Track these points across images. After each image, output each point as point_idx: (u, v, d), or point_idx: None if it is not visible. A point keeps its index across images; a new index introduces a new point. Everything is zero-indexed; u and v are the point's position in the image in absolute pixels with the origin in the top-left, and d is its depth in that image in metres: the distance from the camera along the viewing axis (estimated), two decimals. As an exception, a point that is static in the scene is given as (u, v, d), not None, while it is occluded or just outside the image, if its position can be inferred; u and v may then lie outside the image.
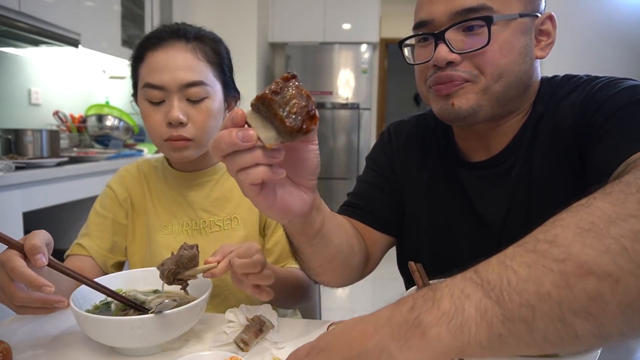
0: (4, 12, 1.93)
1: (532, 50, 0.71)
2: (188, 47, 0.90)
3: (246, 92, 0.99)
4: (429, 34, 0.71)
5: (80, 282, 0.72)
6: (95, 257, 0.96)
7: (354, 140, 4.70)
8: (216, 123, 0.94)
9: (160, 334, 0.65)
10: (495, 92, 0.69)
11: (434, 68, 0.71)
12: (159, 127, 0.90)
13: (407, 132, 0.91)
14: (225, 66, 0.97)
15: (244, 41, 4.24)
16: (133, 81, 0.96)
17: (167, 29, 0.93)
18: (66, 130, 2.72)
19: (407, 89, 7.45)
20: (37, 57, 2.66)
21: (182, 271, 0.70)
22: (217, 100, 0.93)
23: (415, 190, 0.86)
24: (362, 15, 4.68)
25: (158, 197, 1.01)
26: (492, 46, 0.67)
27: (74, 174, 2.07)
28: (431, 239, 0.83)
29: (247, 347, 0.67)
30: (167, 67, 0.88)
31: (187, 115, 0.89)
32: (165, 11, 3.63)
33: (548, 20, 0.73)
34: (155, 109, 0.90)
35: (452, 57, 0.68)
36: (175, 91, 0.88)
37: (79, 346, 0.70)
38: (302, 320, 0.79)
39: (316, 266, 0.72)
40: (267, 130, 0.47)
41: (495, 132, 0.76)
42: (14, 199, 1.73)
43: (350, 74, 4.65)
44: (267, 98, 0.45)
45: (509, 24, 0.68)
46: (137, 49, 0.94)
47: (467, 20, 0.67)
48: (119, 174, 1.05)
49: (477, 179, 0.79)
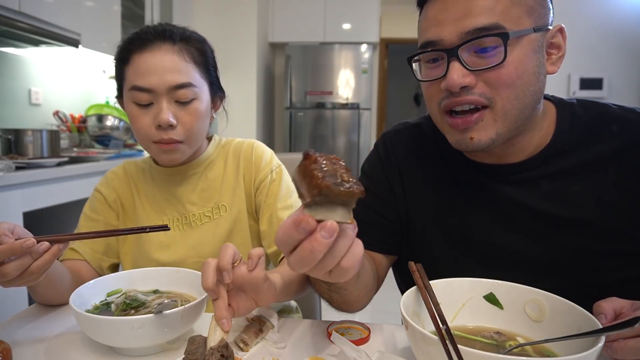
0: (4, 12, 1.93)
1: (544, 67, 0.71)
2: (175, 49, 0.90)
3: (246, 92, 1.00)
4: (441, 49, 0.68)
5: (69, 240, 0.71)
6: (89, 260, 0.95)
7: (354, 140, 4.70)
8: (204, 124, 0.94)
9: (160, 334, 0.65)
10: (512, 116, 0.68)
11: (447, 92, 0.69)
12: (148, 130, 0.89)
13: (405, 144, 0.88)
14: (210, 66, 0.97)
15: (244, 41, 4.24)
16: (118, 83, 0.95)
17: (152, 30, 0.91)
18: (66, 130, 2.72)
19: (407, 89, 7.45)
20: (37, 57, 2.66)
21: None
22: (205, 101, 0.93)
23: (422, 201, 0.84)
24: (362, 15, 4.69)
25: (146, 197, 1.01)
26: (508, 67, 0.66)
27: (74, 174, 2.07)
28: (445, 244, 0.81)
29: (247, 347, 0.67)
30: (155, 70, 0.87)
31: (176, 117, 0.89)
32: (165, 11, 3.63)
33: (558, 33, 0.72)
34: (144, 111, 0.89)
35: (466, 81, 0.66)
36: (164, 93, 0.88)
37: (79, 346, 0.70)
38: (302, 320, 0.79)
39: (354, 297, 0.74)
40: (335, 211, 0.46)
41: (510, 150, 0.76)
42: (14, 199, 1.73)
43: (350, 74, 4.65)
44: (324, 185, 0.43)
45: (521, 42, 0.66)
46: (122, 50, 0.92)
47: (481, 37, 0.65)
48: (105, 177, 1.05)
49: (495, 180, 0.78)
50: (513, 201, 0.76)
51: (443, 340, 0.50)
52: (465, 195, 0.80)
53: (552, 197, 0.74)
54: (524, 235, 0.75)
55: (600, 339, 0.50)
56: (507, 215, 0.76)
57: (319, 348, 0.69)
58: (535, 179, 0.75)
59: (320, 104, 4.66)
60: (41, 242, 0.65)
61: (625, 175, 0.72)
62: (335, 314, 0.87)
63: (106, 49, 2.78)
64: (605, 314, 0.58)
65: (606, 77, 4.10)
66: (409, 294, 0.63)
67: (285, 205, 0.97)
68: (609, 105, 0.78)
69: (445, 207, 0.81)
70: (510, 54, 0.65)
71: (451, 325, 0.59)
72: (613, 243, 0.72)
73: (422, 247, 0.83)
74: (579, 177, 0.74)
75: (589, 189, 0.73)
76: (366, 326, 0.75)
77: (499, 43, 0.65)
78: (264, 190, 0.99)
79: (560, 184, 0.74)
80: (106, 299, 0.76)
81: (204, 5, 4.19)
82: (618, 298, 0.60)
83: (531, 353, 0.58)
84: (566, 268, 0.73)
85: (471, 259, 0.78)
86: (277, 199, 0.97)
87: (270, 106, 5.18)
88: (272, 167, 1.00)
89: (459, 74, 0.66)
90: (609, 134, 0.74)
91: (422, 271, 0.66)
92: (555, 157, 0.75)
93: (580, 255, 0.73)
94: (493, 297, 0.66)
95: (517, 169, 0.76)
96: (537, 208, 0.74)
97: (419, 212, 0.84)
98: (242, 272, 0.63)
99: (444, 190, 0.82)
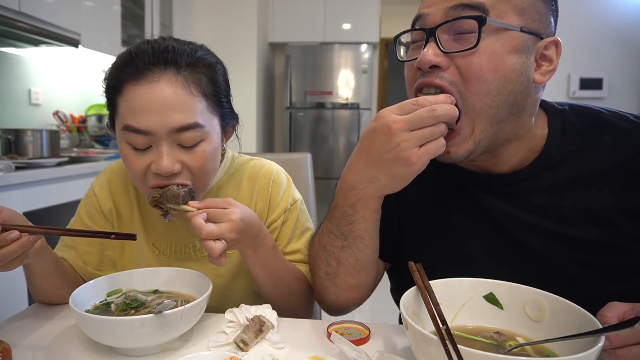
0: (4, 12, 1.94)
1: (530, 72, 0.68)
2: (178, 79, 0.73)
3: (246, 92, 0.97)
4: (421, 29, 0.69)
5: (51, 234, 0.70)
6: (82, 275, 0.89)
7: (354, 140, 4.70)
8: (215, 164, 0.81)
9: (160, 334, 0.65)
10: (488, 116, 0.67)
11: (419, 72, 0.69)
12: (145, 176, 0.76)
13: None
14: (222, 96, 0.81)
15: (244, 41, 4.23)
16: (110, 111, 0.80)
17: (150, 49, 0.74)
18: (66, 130, 2.72)
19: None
20: (37, 57, 2.66)
21: (164, 201, 0.75)
22: (215, 140, 0.79)
23: (413, 210, 0.83)
24: (362, 15, 4.68)
25: (146, 210, 0.92)
26: (480, 56, 0.65)
27: (74, 174, 2.07)
28: (437, 254, 0.80)
29: (247, 347, 0.67)
30: (153, 107, 0.72)
31: (180, 162, 0.75)
32: (165, 11, 3.63)
33: (552, 45, 0.70)
34: (140, 155, 0.75)
35: (436, 60, 0.66)
36: (164, 136, 0.73)
37: (79, 346, 0.70)
38: (302, 320, 0.79)
39: (366, 256, 0.75)
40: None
41: (494, 161, 0.75)
42: (14, 199, 1.73)
43: (350, 74, 4.64)
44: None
45: (500, 35, 0.66)
46: (113, 76, 0.76)
47: (459, 18, 0.65)
48: (104, 175, 0.95)
49: (482, 188, 0.77)
50: (505, 214, 0.75)
51: (443, 340, 0.50)
52: (457, 206, 0.79)
53: (544, 211, 0.73)
54: (516, 248, 0.74)
55: (600, 339, 0.50)
56: (498, 228, 0.75)
57: (319, 348, 0.69)
58: (526, 192, 0.74)
59: (320, 104, 4.66)
60: (10, 231, 0.63)
61: (619, 189, 0.70)
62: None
63: (106, 49, 2.78)
64: (610, 324, 0.56)
65: (606, 77, 4.10)
66: (409, 294, 0.63)
67: (290, 250, 0.92)
68: (602, 111, 0.76)
69: (437, 217, 0.81)
70: (485, 42, 0.65)
71: (451, 325, 0.59)
72: (607, 258, 0.71)
73: (415, 256, 0.78)
74: (572, 191, 0.72)
75: (582, 203, 0.71)
76: (366, 326, 0.75)
77: (476, 28, 0.65)
78: (274, 232, 0.91)
79: (552, 198, 0.73)
80: (106, 299, 0.76)
81: (204, 5, 4.19)
82: (618, 302, 0.59)
83: (531, 353, 0.58)
84: (559, 282, 0.71)
85: (462, 271, 0.74)
86: (285, 244, 0.91)
87: (270, 106, 5.18)
88: (287, 204, 0.92)
89: (431, 53, 0.66)
90: (602, 145, 0.73)
91: (422, 271, 0.66)
92: (547, 169, 0.74)
93: (574, 269, 0.72)
94: (493, 297, 0.66)
95: (507, 180, 0.75)
96: (529, 222, 0.73)
97: (411, 220, 0.84)
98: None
99: (434, 200, 0.81)
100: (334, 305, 0.82)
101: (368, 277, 0.79)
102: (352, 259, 0.75)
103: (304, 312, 0.92)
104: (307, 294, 0.90)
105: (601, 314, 0.58)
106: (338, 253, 0.75)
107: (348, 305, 0.82)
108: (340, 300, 0.80)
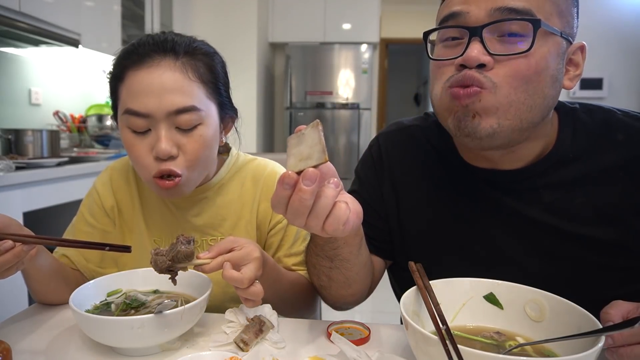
0: (4, 12, 1.94)
1: (562, 76, 0.67)
2: (177, 65, 0.77)
3: (246, 92, 0.96)
4: (464, 27, 0.63)
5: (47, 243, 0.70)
6: (84, 272, 0.90)
7: (354, 140, 4.70)
8: (211, 151, 0.82)
9: (160, 334, 0.65)
10: (517, 111, 0.63)
11: (459, 69, 0.64)
12: (146, 161, 0.78)
13: (400, 147, 0.85)
14: (220, 84, 0.84)
15: (244, 41, 4.24)
16: (112, 101, 0.84)
17: (151, 41, 0.79)
18: (66, 130, 2.72)
19: (407, 89, 7.45)
20: (37, 57, 2.66)
21: (175, 264, 0.69)
22: (212, 126, 0.81)
23: (416, 207, 0.82)
24: (362, 15, 4.68)
25: (148, 207, 0.92)
26: (530, 58, 0.61)
27: (74, 174, 2.07)
28: (441, 252, 0.79)
29: (247, 347, 0.67)
30: (152, 90, 0.75)
31: (177, 145, 0.77)
32: (165, 11, 3.63)
33: (579, 50, 0.69)
34: (140, 138, 0.78)
35: (485, 59, 0.62)
36: (163, 119, 0.76)
37: (79, 346, 0.70)
38: (302, 320, 0.79)
39: (355, 273, 0.74)
40: (310, 157, 0.51)
41: (508, 157, 0.72)
42: (14, 199, 1.74)
43: (350, 74, 4.65)
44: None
45: (548, 39, 0.63)
46: (116, 65, 0.80)
47: (512, 19, 0.61)
48: (106, 172, 0.95)
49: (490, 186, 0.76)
50: (512, 211, 0.74)
51: (443, 340, 0.50)
52: (463, 202, 0.78)
53: (553, 208, 0.72)
54: (523, 246, 0.73)
55: (600, 339, 0.50)
56: (506, 225, 0.74)
57: (319, 348, 0.69)
58: (536, 189, 0.73)
59: (320, 104, 4.66)
60: (4, 241, 0.63)
61: (631, 189, 0.70)
62: (336, 314, 0.87)
63: (106, 49, 2.78)
64: (613, 322, 0.56)
65: (606, 77, 4.11)
66: (409, 294, 0.63)
67: (295, 252, 0.91)
68: (614, 110, 0.75)
69: (442, 213, 0.79)
70: (536, 47, 0.61)
71: (451, 325, 0.58)
72: (617, 258, 0.70)
73: (417, 253, 0.78)
74: (582, 189, 0.71)
75: (592, 201, 0.70)
76: (366, 326, 0.75)
77: (527, 32, 0.61)
78: (278, 234, 0.91)
79: (562, 196, 0.72)
80: (106, 299, 0.76)
81: (204, 5, 4.19)
82: (623, 301, 0.59)
83: (531, 353, 0.58)
84: (567, 281, 0.71)
85: (467, 269, 0.73)
86: (289, 246, 0.91)
87: (270, 106, 5.18)
88: None
89: (478, 51, 0.62)
90: (615, 143, 0.72)
91: (422, 271, 0.66)
92: (557, 166, 0.72)
93: (582, 268, 0.71)
94: (493, 297, 0.66)
95: (516, 177, 0.73)
96: (537, 219, 0.72)
97: (413, 218, 0.82)
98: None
99: (440, 196, 0.80)
100: (334, 307, 0.85)
101: (362, 286, 0.80)
102: (342, 276, 0.75)
103: (309, 313, 0.94)
104: (311, 298, 0.91)
105: (605, 311, 0.58)
106: (327, 272, 0.75)
107: (348, 306, 0.84)
108: (339, 303, 0.83)
